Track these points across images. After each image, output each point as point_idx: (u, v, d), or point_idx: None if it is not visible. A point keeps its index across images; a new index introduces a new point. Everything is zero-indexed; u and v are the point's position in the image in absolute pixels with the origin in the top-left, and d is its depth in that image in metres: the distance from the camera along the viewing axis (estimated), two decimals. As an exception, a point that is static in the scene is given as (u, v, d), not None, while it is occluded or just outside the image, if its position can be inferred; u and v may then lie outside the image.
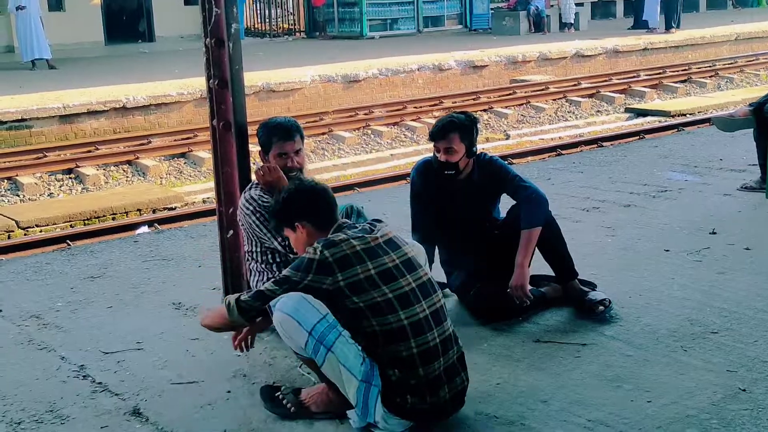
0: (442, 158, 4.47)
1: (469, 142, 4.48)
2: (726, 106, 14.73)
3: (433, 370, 3.27)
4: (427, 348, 3.26)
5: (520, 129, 14.63)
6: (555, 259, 4.60)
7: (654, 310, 4.52)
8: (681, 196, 6.91)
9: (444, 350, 3.33)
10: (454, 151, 4.45)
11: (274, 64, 18.08)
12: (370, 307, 3.23)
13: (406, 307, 3.27)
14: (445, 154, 4.46)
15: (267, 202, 4.17)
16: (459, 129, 4.46)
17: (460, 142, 4.45)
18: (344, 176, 11.40)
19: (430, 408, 3.28)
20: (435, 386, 3.28)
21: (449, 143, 4.44)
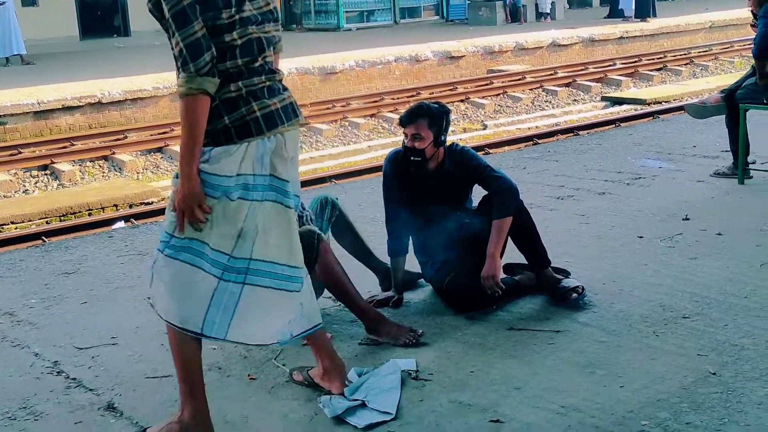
0: (408, 144, 4.48)
1: (438, 131, 4.47)
2: (701, 93, 14.83)
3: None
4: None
5: (497, 119, 14.67)
6: (528, 248, 4.62)
7: (627, 296, 4.55)
8: (655, 183, 6.95)
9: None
10: (421, 137, 4.45)
11: (250, 57, 17.98)
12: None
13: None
14: (412, 140, 4.46)
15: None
16: (428, 116, 4.47)
17: (428, 129, 4.45)
18: (321, 168, 11.39)
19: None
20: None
21: (417, 129, 4.45)
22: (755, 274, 4.79)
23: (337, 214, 4.71)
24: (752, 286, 4.60)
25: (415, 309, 4.56)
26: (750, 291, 4.53)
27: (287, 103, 3.25)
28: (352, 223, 4.81)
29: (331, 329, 4.31)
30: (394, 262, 4.66)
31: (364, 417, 3.42)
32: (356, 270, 4.63)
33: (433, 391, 3.61)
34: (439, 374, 3.76)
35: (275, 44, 3.26)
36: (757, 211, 6.02)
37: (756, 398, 3.41)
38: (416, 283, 4.87)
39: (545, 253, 4.63)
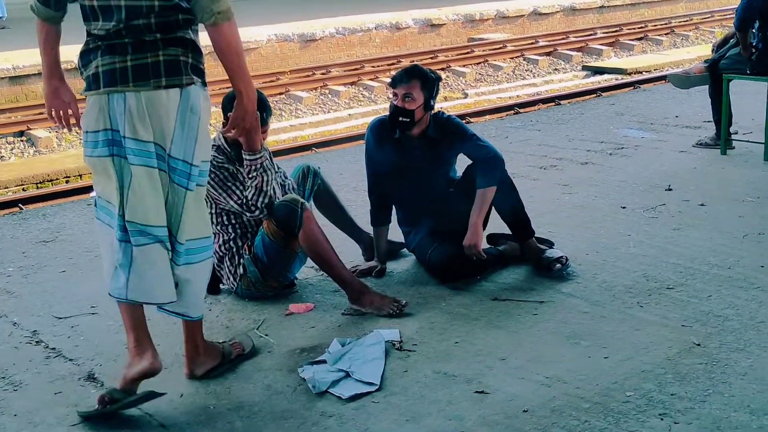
0: (398, 103, 4.41)
1: (429, 95, 4.41)
2: (681, 63, 14.81)
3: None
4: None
5: (478, 88, 14.59)
6: (511, 218, 4.60)
7: (610, 266, 4.54)
8: (637, 153, 6.94)
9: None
10: (413, 98, 4.39)
11: (229, 24, 17.79)
12: None
13: None
14: (403, 100, 4.40)
15: (222, 162, 4.12)
16: (421, 77, 4.41)
17: (420, 92, 4.39)
18: (302, 137, 11.30)
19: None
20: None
21: (409, 89, 4.38)
22: (738, 245, 4.79)
23: (319, 183, 4.68)
24: (735, 257, 4.60)
25: (398, 279, 4.54)
26: (733, 262, 4.53)
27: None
28: (334, 193, 4.78)
29: (313, 299, 4.29)
30: (377, 232, 4.63)
31: (348, 388, 3.40)
32: (339, 240, 4.59)
33: (418, 362, 3.60)
34: (423, 345, 3.74)
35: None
36: (739, 181, 6.03)
37: (740, 369, 3.42)
38: (399, 253, 4.84)
39: (529, 224, 4.61)
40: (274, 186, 4.08)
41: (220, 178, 4.10)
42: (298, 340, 3.85)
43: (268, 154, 4.11)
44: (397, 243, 4.83)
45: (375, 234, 4.65)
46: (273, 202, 4.07)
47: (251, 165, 4.04)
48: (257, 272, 4.21)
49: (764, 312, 3.92)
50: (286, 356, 3.70)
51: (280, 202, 4.07)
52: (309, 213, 4.07)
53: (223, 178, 4.10)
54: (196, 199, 3.30)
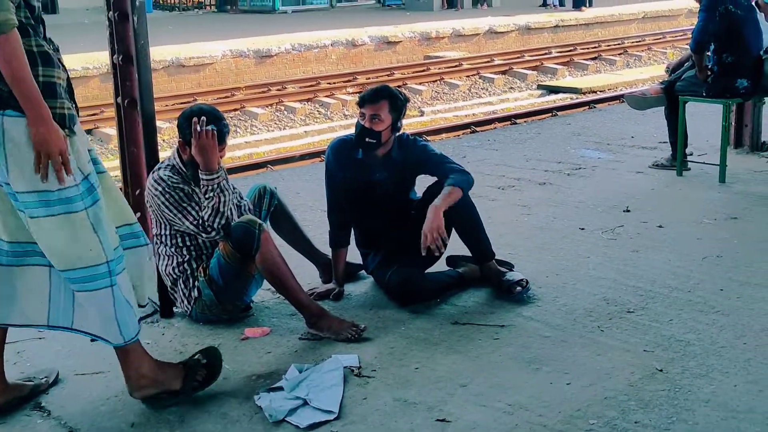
0: (366, 124, 4.35)
1: (396, 116, 4.37)
2: (635, 83, 14.99)
3: None
4: None
5: (434, 105, 14.62)
6: (472, 240, 4.54)
7: (570, 289, 4.51)
8: (595, 173, 6.95)
9: None
10: (380, 119, 4.33)
11: (183, 38, 17.66)
12: None
13: None
14: (371, 121, 4.34)
15: (176, 182, 4.02)
16: (390, 99, 4.36)
17: (388, 113, 4.34)
18: (257, 154, 11.21)
19: None
20: None
21: (377, 109, 4.33)
22: (697, 267, 4.79)
23: (276, 204, 4.59)
24: (695, 279, 4.60)
25: (356, 302, 4.46)
26: (693, 285, 4.52)
27: None
28: (291, 213, 4.70)
29: (270, 323, 4.19)
30: (336, 254, 4.55)
31: (305, 416, 3.30)
32: (295, 262, 4.50)
33: (377, 389, 3.51)
34: (382, 371, 3.66)
35: None
36: (696, 203, 6.05)
37: (703, 396, 3.38)
38: (358, 276, 4.77)
39: (489, 245, 4.56)
40: (231, 207, 3.99)
41: (175, 198, 3.99)
42: (254, 365, 3.75)
43: (225, 173, 4.02)
44: (356, 265, 4.75)
45: (333, 256, 4.57)
46: (230, 224, 3.97)
47: (209, 185, 3.95)
48: (212, 295, 4.11)
49: (725, 336, 3.91)
50: (242, 383, 3.60)
51: (237, 224, 3.97)
52: (267, 234, 3.99)
53: (178, 198, 4.00)
54: (41, 229, 3.05)
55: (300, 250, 4.71)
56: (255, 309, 4.34)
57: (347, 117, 13.55)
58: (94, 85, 14.75)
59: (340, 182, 4.47)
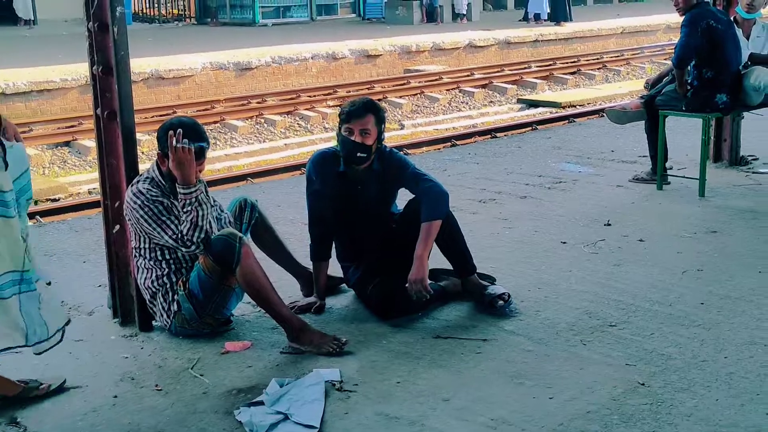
0: (357, 139, 4.33)
1: (381, 129, 4.39)
2: (614, 98, 15.06)
3: None
4: None
5: (415, 119, 14.63)
6: (453, 254, 4.53)
7: (553, 303, 4.50)
8: (575, 187, 6.96)
9: None
10: (369, 133, 4.33)
11: (163, 51, 17.61)
12: None
13: None
14: (361, 135, 4.32)
15: (156, 195, 3.98)
16: (375, 112, 4.37)
17: (374, 126, 4.35)
18: (237, 166, 11.17)
19: None
20: None
21: (366, 124, 4.32)
22: (677, 281, 4.79)
23: (256, 217, 4.57)
24: (676, 293, 4.60)
25: (338, 316, 4.43)
26: (674, 299, 4.53)
27: None
28: (272, 226, 4.68)
29: (250, 337, 4.16)
30: (317, 267, 4.53)
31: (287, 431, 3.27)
32: (276, 275, 4.47)
33: (359, 403, 3.49)
34: (364, 385, 3.64)
35: None
36: (676, 217, 6.07)
37: (685, 410, 3.38)
38: (339, 289, 4.74)
39: (471, 259, 4.55)
40: (210, 220, 3.96)
41: (154, 212, 3.96)
42: (234, 380, 3.72)
43: (204, 187, 3.99)
44: (337, 278, 4.73)
45: (314, 269, 4.55)
46: (209, 237, 3.94)
47: (186, 198, 3.92)
48: (192, 309, 4.07)
49: (706, 350, 3.91)
50: (222, 398, 3.56)
51: (217, 237, 3.95)
52: (247, 248, 3.96)
53: (157, 212, 3.96)
54: None
55: (281, 263, 4.68)
56: (235, 323, 4.30)
57: (327, 130, 13.53)
58: (73, 96, 14.66)
59: (321, 195, 4.46)
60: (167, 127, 4.03)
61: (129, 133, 4.14)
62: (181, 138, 3.92)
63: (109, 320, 4.42)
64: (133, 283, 4.25)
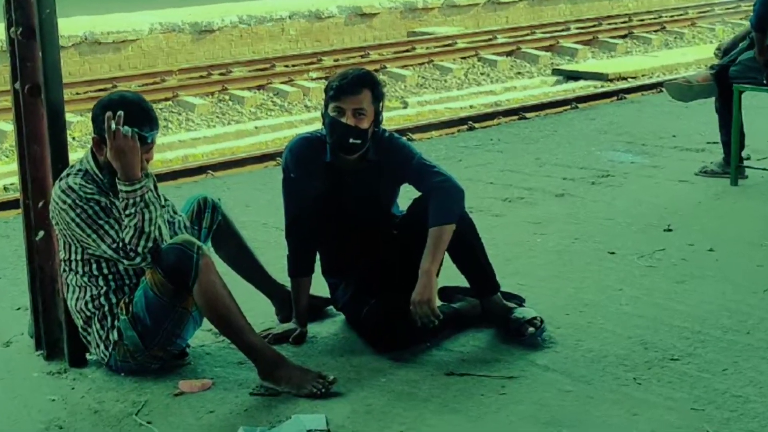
0: (348, 121, 4.34)
1: (378, 108, 4.41)
2: (676, 68, 15.11)
3: None
4: None
5: (422, 95, 14.66)
6: (471, 268, 4.54)
7: (598, 330, 4.52)
8: (627, 182, 6.99)
9: None
10: (365, 114, 4.34)
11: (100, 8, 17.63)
12: None
13: None
14: (353, 116, 4.33)
15: (91, 193, 3.99)
16: (372, 87, 4.38)
17: (371, 104, 4.36)
18: (194, 156, 11.20)
19: None
20: None
21: (360, 102, 4.33)
22: (758, 302, 4.82)
23: (219, 220, 4.58)
24: (755, 318, 4.62)
25: (323, 347, 4.46)
26: (753, 325, 4.55)
27: None
28: (239, 232, 4.70)
29: (212, 373, 4.19)
30: (297, 284, 4.55)
31: (258, 494, 3.29)
32: (244, 294, 4.48)
33: (350, 459, 3.52)
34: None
35: None
36: (755, 220, 6.10)
37: (768, 467, 3.40)
38: (325, 312, 4.77)
39: (493, 275, 4.56)
40: (160, 225, 3.98)
41: (88, 213, 3.96)
42: (191, 428, 3.74)
43: (152, 182, 4.00)
44: (322, 299, 4.75)
45: (293, 287, 4.56)
46: (159, 246, 3.95)
47: (129, 197, 3.93)
48: (137, 337, 4.08)
49: (794, 391, 3.93)
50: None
51: (170, 246, 3.96)
52: (207, 260, 3.97)
53: (92, 213, 3.97)
54: None
55: (250, 279, 4.70)
56: (192, 355, 4.32)
57: (310, 109, 13.56)
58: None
59: (302, 193, 4.47)
60: (105, 106, 4.04)
61: (56, 113, 4.15)
62: (122, 120, 3.93)
63: (32, 352, 4.42)
64: (62, 305, 4.26)
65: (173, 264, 3.94)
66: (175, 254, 3.94)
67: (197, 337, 4.37)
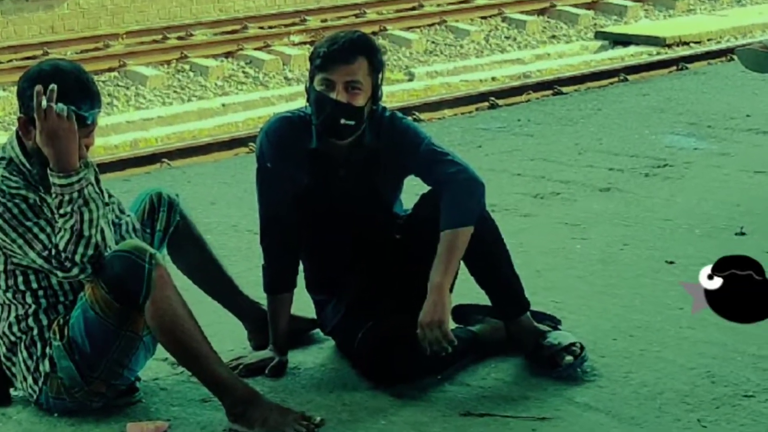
0: (340, 97, 4.35)
1: (376, 79, 4.41)
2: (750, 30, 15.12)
3: None
4: None
5: (431, 64, 14.69)
6: (493, 281, 4.55)
7: (653, 360, 4.53)
8: (689, 173, 7.00)
9: None
10: (360, 87, 4.35)
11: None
12: None
13: None
14: (346, 91, 4.34)
15: (15, 187, 3.99)
16: (369, 53, 4.39)
17: (368, 76, 4.37)
18: (146, 140, 11.20)
19: None
20: None
21: (354, 73, 4.34)
22: None
23: (177, 222, 4.58)
24: None
25: (308, 380, 4.47)
26: None
27: None
28: (201, 236, 4.69)
29: (168, 414, 4.20)
30: (275, 302, 4.56)
31: None
32: (209, 314, 4.51)
33: None
34: (350, 491, 3.69)
35: None
36: None
37: None
38: (309, 337, 4.80)
39: (521, 290, 4.57)
40: (102, 227, 3.98)
41: (13, 213, 3.96)
42: (142, 483, 3.75)
43: (93, 174, 4.00)
44: (306, 320, 4.77)
45: (270, 305, 4.57)
46: (102, 254, 3.96)
47: (64, 194, 3.93)
48: (74, 369, 4.08)
49: None
50: None
51: (115, 254, 3.96)
52: (162, 271, 3.97)
53: (17, 213, 3.97)
54: None
55: (216, 295, 4.70)
56: (144, 391, 4.33)
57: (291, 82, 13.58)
58: None
59: (281, 187, 4.48)
60: (34, 78, 4.04)
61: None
62: (55, 96, 3.93)
63: (-59, 387, 4.43)
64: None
65: (119, 276, 3.94)
66: (121, 264, 3.94)
67: (150, 369, 4.38)
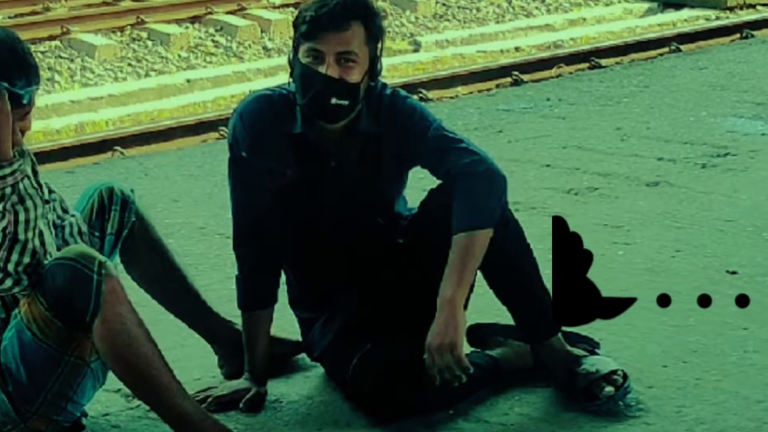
0: (332, 72, 4.35)
1: (375, 50, 4.43)
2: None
3: None
4: None
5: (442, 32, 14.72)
6: (517, 296, 4.58)
7: (711, 391, 4.55)
8: (755, 164, 7.02)
9: None
10: (355, 60, 4.36)
11: None
12: None
13: None
14: (339, 64, 4.35)
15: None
16: (365, 17, 4.40)
17: (364, 46, 4.38)
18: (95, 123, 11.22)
19: None
20: None
21: (348, 42, 4.35)
22: None
23: (132, 223, 4.58)
24: None
25: (291, 415, 4.49)
26: None
27: None
28: (162, 241, 4.71)
29: (122, 456, 4.20)
30: (251, 321, 4.58)
31: None
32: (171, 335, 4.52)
33: None
34: None
35: None
36: None
37: None
38: (292, 363, 4.82)
39: (550, 307, 4.57)
40: (41, 230, 3.99)
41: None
42: None
43: (30, 165, 4.01)
44: (290, 343, 4.79)
45: (246, 325, 4.59)
46: (40, 263, 3.97)
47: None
48: (7, 402, 4.09)
49: None
50: None
51: (56, 263, 3.97)
52: (114, 283, 3.97)
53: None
54: None
55: (179, 312, 4.72)
56: (92, 429, 4.34)
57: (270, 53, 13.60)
58: None
59: (259, 181, 4.49)
60: None
61: None
62: None
63: None
64: None
65: (62, 290, 3.95)
66: (64, 275, 3.95)
67: (99, 401, 4.40)
